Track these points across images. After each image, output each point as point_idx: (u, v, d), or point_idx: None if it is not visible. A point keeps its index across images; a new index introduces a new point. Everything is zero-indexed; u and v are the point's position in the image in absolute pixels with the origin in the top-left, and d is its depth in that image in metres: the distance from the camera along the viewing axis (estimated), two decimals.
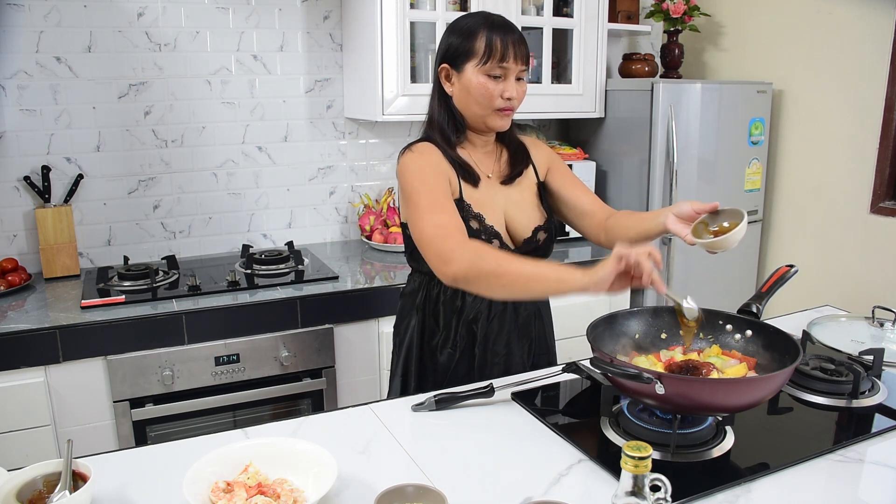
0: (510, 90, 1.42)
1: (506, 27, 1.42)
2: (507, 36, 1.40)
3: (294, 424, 1.26)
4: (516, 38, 1.41)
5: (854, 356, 1.47)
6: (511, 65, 1.41)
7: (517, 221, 1.52)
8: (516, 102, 1.45)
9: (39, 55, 2.23)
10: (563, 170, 1.62)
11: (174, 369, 1.95)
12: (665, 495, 0.82)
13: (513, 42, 1.40)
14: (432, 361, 1.55)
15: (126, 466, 1.12)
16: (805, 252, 2.81)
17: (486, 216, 1.46)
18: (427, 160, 1.44)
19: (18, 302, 2.04)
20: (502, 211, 1.51)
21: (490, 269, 1.23)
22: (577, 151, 2.78)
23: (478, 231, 1.44)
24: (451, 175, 1.45)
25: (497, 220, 1.48)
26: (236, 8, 2.45)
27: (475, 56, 1.41)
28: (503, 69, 1.40)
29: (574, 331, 2.47)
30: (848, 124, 2.61)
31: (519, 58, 1.41)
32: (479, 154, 1.53)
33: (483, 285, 1.27)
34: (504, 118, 1.46)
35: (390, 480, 0.99)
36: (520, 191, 1.54)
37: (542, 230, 1.53)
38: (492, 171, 1.53)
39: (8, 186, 2.28)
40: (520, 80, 1.44)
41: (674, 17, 2.86)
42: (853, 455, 1.14)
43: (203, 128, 2.49)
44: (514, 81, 1.43)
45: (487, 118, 1.45)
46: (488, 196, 1.49)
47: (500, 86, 1.41)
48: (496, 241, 1.46)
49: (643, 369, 1.07)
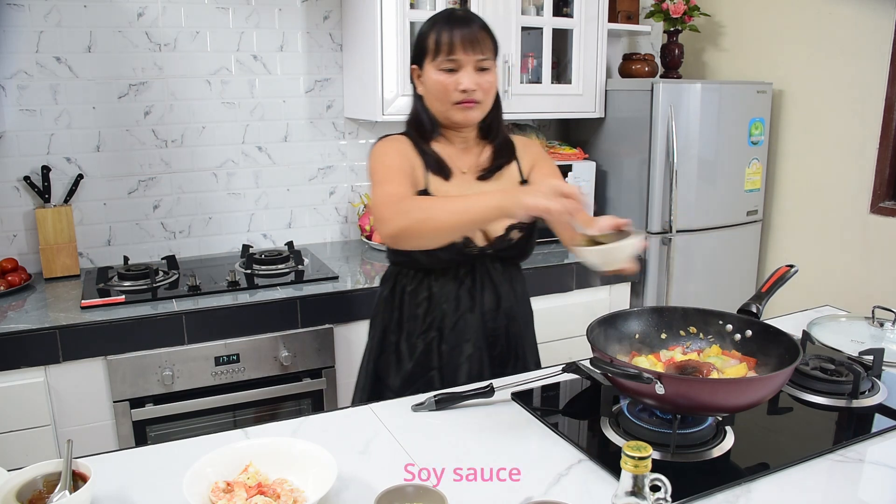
0: (464, 81, 1.39)
1: (457, 20, 1.41)
2: (455, 28, 1.39)
3: (294, 424, 1.26)
4: (467, 28, 1.40)
5: (854, 356, 1.47)
6: (461, 56, 1.39)
7: None
8: (479, 94, 1.42)
9: (39, 55, 2.23)
10: (545, 169, 1.58)
11: (174, 369, 1.95)
12: (665, 495, 0.82)
13: (461, 33, 1.39)
14: (396, 354, 1.54)
15: (126, 466, 1.12)
16: (805, 252, 2.81)
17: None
18: (392, 146, 1.47)
19: (18, 302, 2.04)
20: None
21: (417, 216, 1.26)
22: (577, 151, 2.78)
23: None
24: (416, 164, 1.46)
25: None
26: (236, 8, 2.45)
27: (429, 53, 1.41)
28: (454, 62, 1.39)
29: (574, 331, 2.47)
30: (848, 124, 2.61)
31: (470, 48, 1.39)
32: (455, 150, 1.52)
33: (417, 235, 1.29)
34: (466, 111, 1.43)
35: (390, 480, 0.99)
36: (497, 186, 1.52)
37: (516, 228, 1.50)
38: (469, 168, 1.52)
39: (8, 186, 2.28)
40: (484, 70, 1.42)
41: (674, 17, 2.86)
42: (853, 455, 1.14)
43: (203, 128, 2.49)
44: (471, 72, 1.40)
45: (448, 113, 1.44)
46: (459, 191, 1.48)
47: (454, 78, 1.40)
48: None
49: (643, 369, 1.07)
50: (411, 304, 1.52)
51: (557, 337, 2.50)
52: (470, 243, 1.46)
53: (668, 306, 1.35)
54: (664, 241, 2.62)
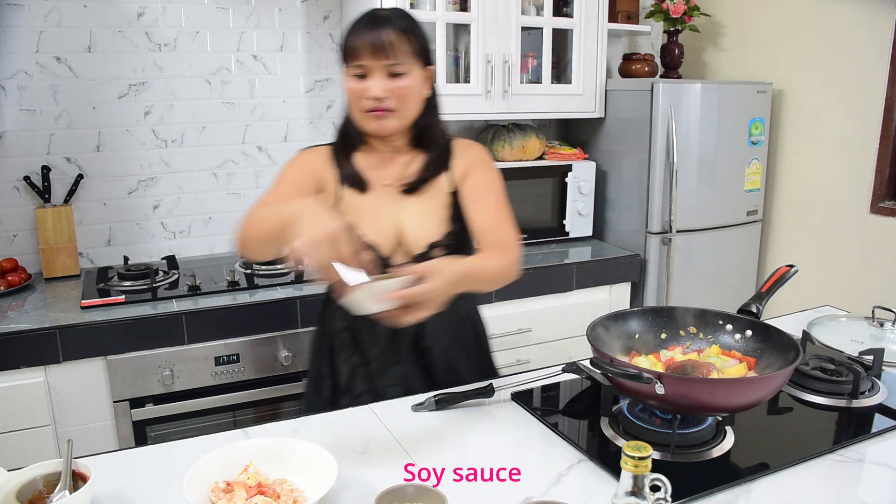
0: (372, 88, 1.30)
1: (369, 21, 1.31)
2: (362, 31, 1.30)
3: (294, 424, 1.26)
4: (375, 32, 1.29)
5: (854, 356, 1.47)
6: (367, 62, 1.30)
7: (411, 235, 1.40)
8: (392, 102, 1.32)
9: (39, 55, 2.23)
10: (475, 181, 1.42)
11: (174, 369, 1.95)
12: (665, 495, 0.82)
13: (368, 37, 1.29)
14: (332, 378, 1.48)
15: (126, 466, 1.12)
16: (805, 252, 2.81)
17: (361, 226, 1.37)
18: (302, 158, 1.44)
19: (18, 302, 2.04)
20: (393, 223, 1.40)
21: (243, 224, 1.24)
22: (577, 151, 2.78)
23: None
24: (327, 177, 1.41)
25: (379, 232, 1.39)
26: (236, 8, 2.45)
27: (344, 58, 1.34)
28: (361, 67, 1.31)
29: (574, 331, 2.47)
30: (848, 124, 2.61)
31: (376, 52, 1.29)
32: (379, 160, 1.43)
33: (246, 245, 1.25)
34: (378, 120, 1.34)
35: (390, 480, 0.99)
36: (423, 201, 1.42)
37: (439, 247, 1.39)
38: (394, 179, 1.42)
39: (8, 186, 2.28)
40: (397, 75, 1.31)
41: (674, 17, 2.86)
42: (853, 455, 1.14)
43: (203, 128, 2.49)
44: (381, 79, 1.30)
45: (361, 122, 1.36)
46: (375, 205, 1.40)
47: (363, 85, 1.31)
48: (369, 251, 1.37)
49: (643, 369, 1.07)
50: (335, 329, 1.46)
51: (557, 337, 2.50)
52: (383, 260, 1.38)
53: (668, 306, 1.35)
54: (664, 241, 2.62)
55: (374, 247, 1.38)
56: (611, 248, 2.73)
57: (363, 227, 1.38)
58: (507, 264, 1.31)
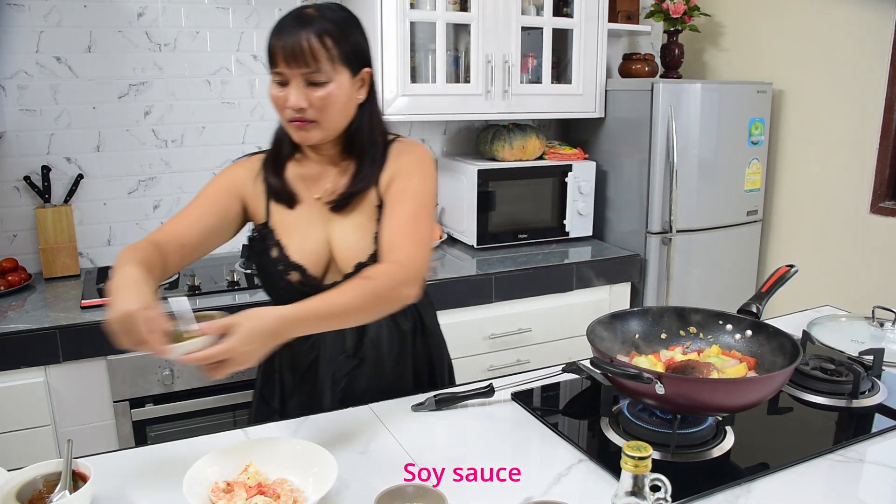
0: (291, 98, 1.20)
1: (291, 23, 1.20)
2: (281, 34, 1.19)
3: (294, 424, 1.26)
4: (293, 37, 1.18)
5: (854, 356, 1.47)
6: (284, 70, 1.19)
7: (341, 253, 1.32)
8: (312, 112, 1.21)
9: (39, 55, 2.23)
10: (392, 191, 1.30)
11: (174, 369, 1.95)
12: (665, 495, 0.82)
13: (285, 43, 1.18)
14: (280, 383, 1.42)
15: (126, 466, 1.12)
16: (805, 252, 2.81)
17: (288, 245, 1.31)
18: (227, 174, 1.35)
19: (18, 302, 2.04)
20: (324, 240, 1.32)
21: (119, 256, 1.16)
22: (577, 151, 2.78)
23: (276, 260, 1.31)
24: (251, 199, 1.34)
25: (308, 250, 1.31)
26: (236, 8, 2.45)
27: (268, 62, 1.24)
28: (280, 75, 1.21)
29: (574, 331, 2.47)
30: (848, 124, 2.61)
31: (292, 60, 1.18)
32: (314, 170, 1.34)
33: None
34: (301, 131, 1.24)
35: (390, 480, 0.99)
36: (353, 216, 1.32)
37: (366, 266, 1.28)
38: (325, 192, 1.33)
39: (8, 186, 2.28)
40: (316, 84, 1.20)
41: (674, 17, 2.86)
42: (853, 455, 1.14)
43: (203, 128, 2.49)
44: (299, 88, 1.20)
45: (289, 130, 1.27)
46: (304, 222, 1.32)
47: (284, 94, 1.22)
48: (295, 273, 1.30)
49: (643, 369, 1.07)
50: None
51: (557, 337, 2.50)
52: (310, 282, 1.31)
53: (669, 306, 1.34)
54: (664, 241, 2.62)
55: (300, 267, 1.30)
56: (611, 248, 2.73)
57: (291, 246, 1.31)
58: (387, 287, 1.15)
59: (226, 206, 1.33)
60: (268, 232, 1.34)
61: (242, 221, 1.39)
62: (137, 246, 1.21)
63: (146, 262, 1.16)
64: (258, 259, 1.37)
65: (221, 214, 1.33)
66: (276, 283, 1.34)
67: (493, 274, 2.34)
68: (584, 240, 2.80)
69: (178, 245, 1.28)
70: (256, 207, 1.35)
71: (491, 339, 2.38)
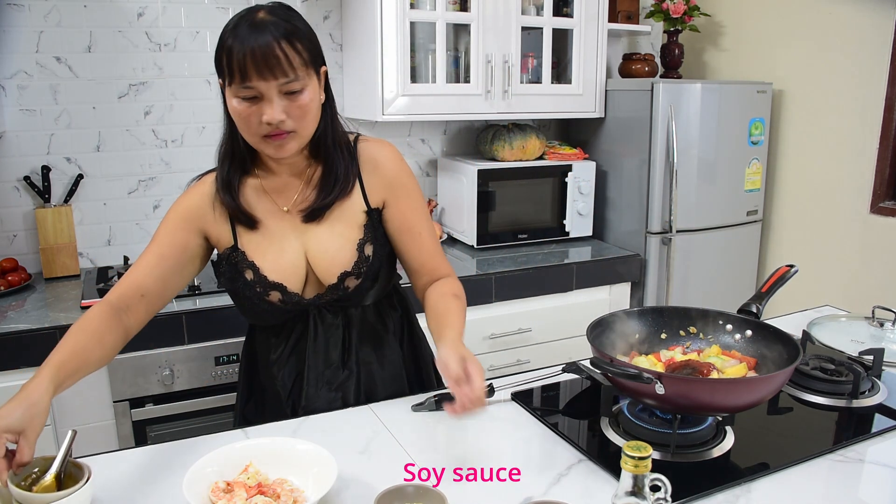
0: (268, 113, 1.11)
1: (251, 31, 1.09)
2: (246, 44, 1.08)
3: (294, 424, 1.26)
4: (260, 45, 1.08)
5: (854, 356, 1.47)
6: (257, 83, 1.09)
7: (321, 265, 1.27)
8: (290, 123, 1.14)
9: (39, 55, 2.23)
10: (405, 204, 1.30)
11: (174, 369, 1.95)
12: (665, 495, 0.82)
13: (254, 53, 1.07)
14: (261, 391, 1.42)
15: (126, 466, 1.12)
16: (805, 252, 2.81)
17: (263, 264, 1.25)
18: (183, 206, 1.26)
19: (18, 302, 2.04)
20: (301, 252, 1.27)
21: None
22: (577, 151, 2.78)
23: (252, 283, 1.25)
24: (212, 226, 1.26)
25: (285, 266, 1.26)
26: (236, 8, 2.44)
27: (225, 75, 1.12)
28: (250, 89, 1.10)
29: (574, 331, 2.47)
30: (848, 124, 2.61)
31: (269, 73, 1.09)
32: (280, 182, 1.27)
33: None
34: (279, 145, 1.16)
35: (390, 480, 0.99)
36: (329, 223, 1.27)
37: (351, 276, 1.26)
38: (293, 203, 1.27)
39: (8, 186, 2.28)
40: (292, 93, 1.12)
41: (674, 17, 2.86)
42: (853, 455, 1.14)
43: (203, 128, 2.49)
44: (276, 100, 1.11)
45: (259, 146, 1.18)
46: (277, 237, 1.26)
47: (255, 108, 1.12)
48: (275, 292, 1.26)
49: (643, 369, 1.07)
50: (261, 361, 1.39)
51: (557, 337, 2.50)
52: (291, 299, 1.27)
53: (668, 306, 1.35)
54: (664, 241, 2.61)
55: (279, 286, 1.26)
56: (611, 248, 2.73)
57: (265, 266, 1.26)
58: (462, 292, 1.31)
59: (183, 243, 1.25)
60: (238, 255, 1.26)
61: (207, 253, 1.31)
62: (89, 316, 1.15)
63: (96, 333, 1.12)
64: (231, 284, 1.29)
65: (180, 253, 1.25)
66: (256, 306, 1.28)
67: (493, 274, 2.34)
68: (584, 240, 2.80)
69: (139, 297, 1.21)
70: (220, 233, 1.26)
71: (491, 339, 2.38)
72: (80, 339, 1.11)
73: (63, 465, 0.98)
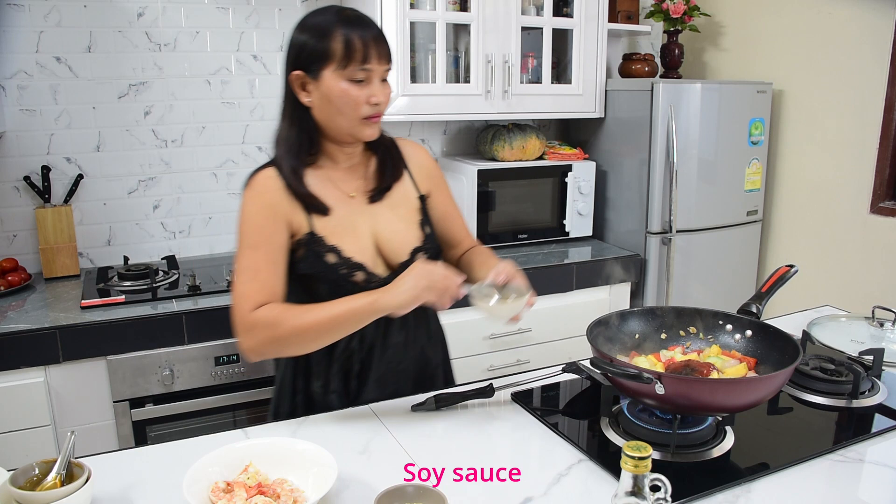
0: (377, 94, 1.27)
1: (363, 23, 1.26)
2: (366, 33, 1.24)
3: (294, 424, 1.26)
4: (375, 33, 1.26)
5: (854, 356, 1.47)
6: (374, 66, 1.26)
7: (390, 244, 1.36)
8: (384, 107, 1.30)
9: (39, 55, 2.23)
10: (445, 197, 1.49)
11: (174, 369, 1.95)
12: (665, 495, 0.82)
13: (373, 39, 1.25)
14: (305, 395, 1.40)
15: (126, 466, 1.12)
16: (805, 252, 2.81)
17: (344, 247, 1.31)
18: (262, 203, 1.29)
19: (18, 302, 2.04)
20: (371, 234, 1.35)
21: (285, 333, 1.20)
22: (577, 151, 2.78)
23: (335, 265, 1.30)
24: (292, 215, 1.30)
25: (362, 248, 1.33)
26: (236, 8, 2.45)
27: (333, 59, 1.24)
28: (366, 72, 1.25)
29: (574, 331, 2.47)
30: (848, 124, 2.61)
31: (382, 56, 1.27)
32: (342, 171, 1.37)
33: (287, 350, 1.27)
34: (373, 126, 1.31)
35: (390, 480, 0.99)
36: (392, 206, 1.38)
37: (421, 251, 1.38)
38: (357, 189, 1.37)
39: (8, 186, 2.28)
40: (384, 81, 1.30)
41: (674, 17, 2.86)
42: (853, 455, 1.14)
43: (203, 128, 2.49)
44: (379, 84, 1.28)
45: (354, 129, 1.29)
46: (349, 221, 1.34)
47: (364, 91, 1.26)
48: (359, 272, 1.31)
49: (643, 369, 1.07)
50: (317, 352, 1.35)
51: (557, 337, 2.50)
52: (373, 278, 1.33)
53: (668, 306, 1.35)
54: (664, 241, 2.61)
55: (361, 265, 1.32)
56: (611, 248, 2.73)
57: (346, 248, 1.32)
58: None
59: (282, 241, 1.30)
60: (317, 240, 1.30)
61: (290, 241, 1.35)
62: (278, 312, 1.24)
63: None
64: (312, 269, 1.31)
65: (282, 251, 1.30)
66: (341, 287, 1.30)
67: None
68: (584, 240, 2.80)
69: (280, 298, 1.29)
70: (299, 222, 1.31)
71: (491, 339, 2.38)
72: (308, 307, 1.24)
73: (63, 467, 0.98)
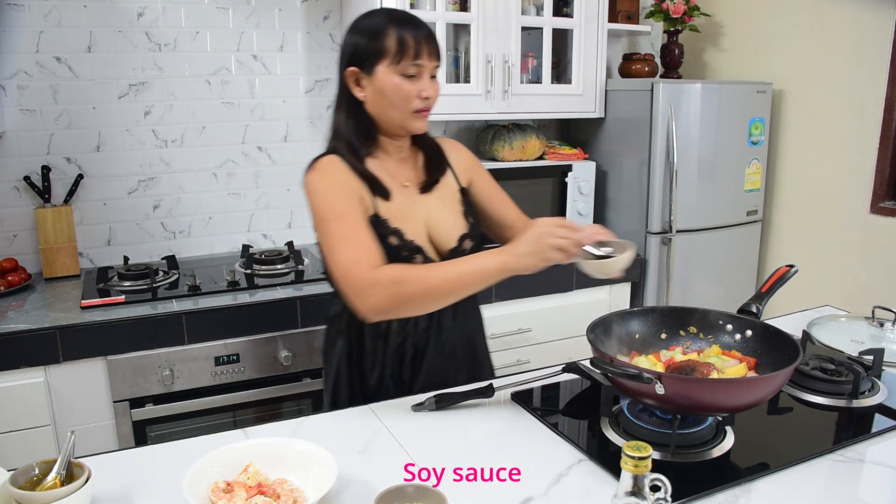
0: (427, 89, 1.35)
1: (414, 22, 1.34)
2: (417, 32, 1.33)
3: (294, 424, 1.26)
4: (426, 32, 1.34)
5: (854, 356, 1.47)
6: (425, 62, 1.34)
7: (441, 231, 1.43)
8: (433, 102, 1.38)
9: (39, 55, 2.23)
10: (487, 182, 1.56)
11: (174, 369, 1.95)
12: (665, 495, 0.82)
13: (425, 38, 1.33)
14: (361, 384, 1.45)
15: (126, 466, 1.12)
16: (805, 252, 2.81)
17: (405, 231, 1.37)
18: (333, 180, 1.35)
19: (18, 302, 2.04)
20: (423, 222, 1.42)
21: (413, 291, 1.23)
22: (577, 151, 2.78)
23: (398, 247, 1.35)
24: (362, 192, 1.36)
25: (418, 233, 1.40)
26: (236, 8, 2.45)
27: (387, 55, 1.32)
28: (417, 67, 1.33)
29: (574, 331, 2.47)
30: (848, 124, 2.61)
31: (433, 54, 1.35)
32: (394, 162, 1.44)
33: (410, 309, 1.29)
34: (423, 119, 1.39)
35: (390, 480, 0.99)
36: (440, 197, 1.46)
37: (468, 238, 1.45)
38: (409, 180, 1.45)
39: (8, 186, 2.28)
40: (433, 77, 1.38)
41: (674, 17, 2.86)
42: (853, 455, 1.14)
43: (203, 128, 2.49)
44: (428, 79, 1.36)
45: (406, 121, 1.37)
46: (406, 207, 1.40)
47: (416, 85, 1.34)
48: (419, 255, 1.37)
49: (643, 369, 1.07)
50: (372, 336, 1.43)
51: (557, 337, 2.50)
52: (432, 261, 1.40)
53: (668, 306, 1.35)
54: (664, 241, 2.61)
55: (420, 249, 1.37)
56: None
57: (406, 231, 1.37)
58: None
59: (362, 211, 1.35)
60: (382, 222, 1.36)
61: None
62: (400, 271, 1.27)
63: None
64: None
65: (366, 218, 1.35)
66: None
67: None
68: None
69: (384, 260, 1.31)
70: (367, 202, 1.37)
71: (491, 339, 2.36)
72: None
73: (63, 467, 0.98)
